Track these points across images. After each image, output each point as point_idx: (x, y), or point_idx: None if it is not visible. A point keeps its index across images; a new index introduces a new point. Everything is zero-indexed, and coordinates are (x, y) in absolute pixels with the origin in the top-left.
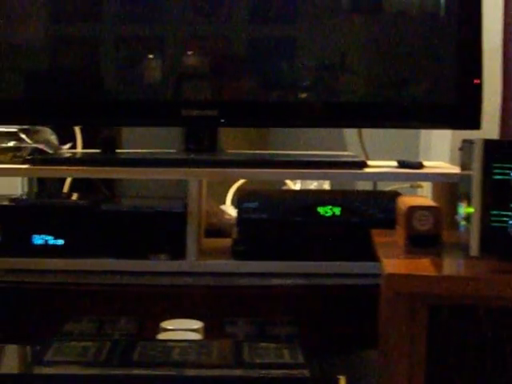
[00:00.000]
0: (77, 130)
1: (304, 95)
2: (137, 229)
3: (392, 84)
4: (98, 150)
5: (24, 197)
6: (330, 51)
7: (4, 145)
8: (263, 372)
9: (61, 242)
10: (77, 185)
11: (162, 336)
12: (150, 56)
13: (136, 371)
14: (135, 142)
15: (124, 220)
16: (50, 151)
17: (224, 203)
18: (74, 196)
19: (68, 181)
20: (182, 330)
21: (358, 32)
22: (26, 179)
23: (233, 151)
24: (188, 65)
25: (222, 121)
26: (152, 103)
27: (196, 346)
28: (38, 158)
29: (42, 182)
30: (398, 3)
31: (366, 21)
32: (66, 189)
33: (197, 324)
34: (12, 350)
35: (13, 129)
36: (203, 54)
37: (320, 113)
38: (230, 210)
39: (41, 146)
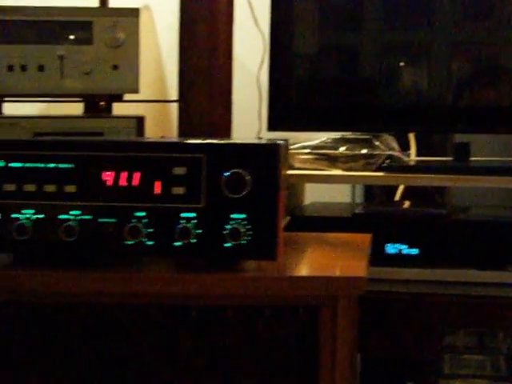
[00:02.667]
0: (411, 136)
1: None
2: (493, 239)
3: None
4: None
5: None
6: None
7: (357, 152)
8: None
9: (415, 251)
10: (407, 193)
11: None
12: None
13: None
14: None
15: (480, 230)
16: (405, 158)
17: None
18: (406, 204)
19: (400, 188)
20: None
21: None
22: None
23: None
24: None
25: None
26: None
27: None
28: (395, 165)
29: (368, 189)
30: None
31: None
32: (397, 196)
33: None
34: None
35: (365, 136)
36: None
37: None
38: None
39: (396, 153)
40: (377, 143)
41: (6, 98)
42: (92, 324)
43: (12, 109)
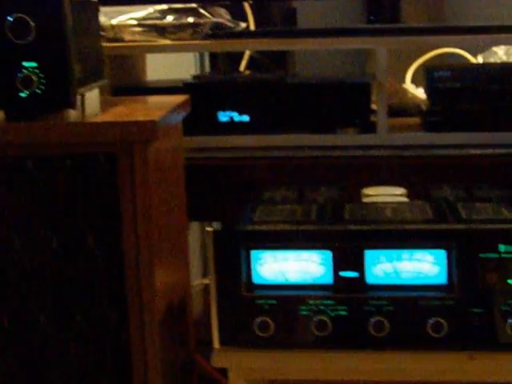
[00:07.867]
0: (247, 6)
1: None
2: (323, 102)
3: None
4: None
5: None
6: None
7: (184, 21)
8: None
9: (246, 118)
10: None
11: (366, 201)
12: None
13: (351, 227)
14: (311, 17)
15: (310, 93)
16: (231, 25)
17: (404, 82)
18: (246, 73)
19: (245, 59)
20: (385, 195)
21: None
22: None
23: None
24: None
25: None
26: None
27: (408, 206)
28: (221, 32)
29: (214, 60)
30: None
31: None
32: (242, 67)
33: (399, 190)
34: (195, 227)
35: (192, 5)
36: None
37: None
38: (412, 90)
39: (222, 21)
40: (203, 11)
41: None
42: None
43: None
